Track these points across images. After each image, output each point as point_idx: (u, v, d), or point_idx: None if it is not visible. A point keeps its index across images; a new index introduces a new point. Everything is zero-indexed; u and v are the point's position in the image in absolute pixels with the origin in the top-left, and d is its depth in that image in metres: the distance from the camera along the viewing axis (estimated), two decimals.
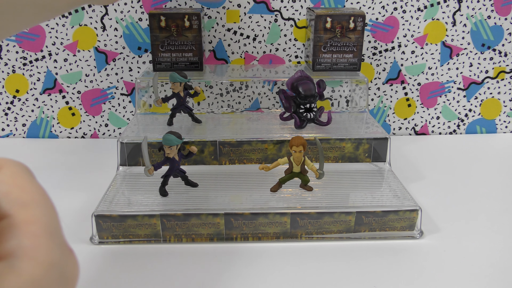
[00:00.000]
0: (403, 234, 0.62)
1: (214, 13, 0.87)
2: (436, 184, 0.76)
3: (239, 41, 0.90)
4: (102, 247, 0.59)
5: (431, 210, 0.68)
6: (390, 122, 0.97)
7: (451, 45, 0.92)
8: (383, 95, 0.95)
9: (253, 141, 0.72)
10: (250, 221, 0.60)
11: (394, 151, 0.85)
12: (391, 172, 0.72)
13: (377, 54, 0.92)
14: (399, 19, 0.90)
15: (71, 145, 0.92)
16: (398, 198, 0.64)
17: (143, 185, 0.67)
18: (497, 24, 0.91)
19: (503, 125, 0.99)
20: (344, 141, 0.73)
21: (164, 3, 0.86)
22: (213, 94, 0.91)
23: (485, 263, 0.57)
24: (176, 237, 0.60)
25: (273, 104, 0.92)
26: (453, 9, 0.89)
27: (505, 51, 0.93)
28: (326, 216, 0.60)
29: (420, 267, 0.56)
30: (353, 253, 0.59)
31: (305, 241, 0.61)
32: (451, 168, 0.82)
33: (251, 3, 0.87)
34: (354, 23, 0.80)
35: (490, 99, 0.97)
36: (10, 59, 0.89)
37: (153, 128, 0.76)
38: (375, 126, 0.77)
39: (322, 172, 0.64)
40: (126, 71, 0.91)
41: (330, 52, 0.81)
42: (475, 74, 0.94)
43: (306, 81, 0.73)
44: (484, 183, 0.77)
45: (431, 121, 0.97)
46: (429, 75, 0.94)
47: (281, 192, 0.65)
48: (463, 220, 0.66)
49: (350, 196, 0.65)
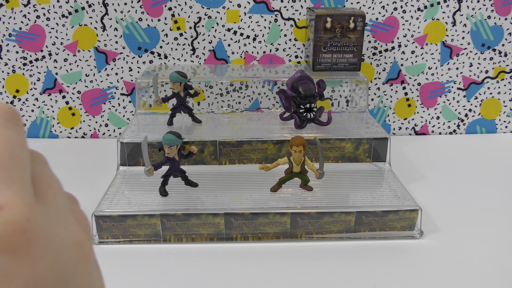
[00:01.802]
0: (403, 234, 0.62)
1: (214, 13, 0.87)
2: (436, 184, 0.76)
3: (239, 41, 0.90)
4: (102, 247, 0.59)
5: (431, 210, 0.68)
6: (390, 122, 0.97)
7: (451, 45, 0.92)
8: (383, 95, 0.95)
9: (253, 141, 0.72)
10: (250, 221, 0.60)
11: (394, 151, 0.85)
12: (391, 172, 0.72)
13: (377, 54, 0.92)
14: (399, 19, 0.90)
15: (71, 145, 0.92)
16: (398, 198, 0.64)
17: (143, 185, 0.67)
18: (497, 24, 0.91)
19: (503, 125, 0.99)
20: (344, 141, 0.73)
21: (164, 3, 0.86)
22: (213, 94, 0.91)
23: (485, 263, 0.57)
24: (176, 237, 0.60)
25: (273, 104, 0.92)
26: (453, 9, 0.89)
27: (505, 51, 0.93)
28: (326, 216, 0.60)
29: (420, 267, 0.56)
30: (353, 253, 0.59)
31: (305, 241, 0.61)
32: (451, 168, 0.82)
33: (251, 3, 0.87)
34: (354, 23, 0.80)
35: (490, 99, 0.97)
36: (10, 59, 0.89)
37: (153, 128, 0.76)
38: (375, 126, 0.77)
39: (322, 172, 0.64)
40: (126, 71, 0.91)
41: (330, 52, 0.81)
42: (475, 74, 0.94)
43: (306, 81, 0.73)
44: (484, 183, 0.77)
45: (431, 121, 0.97)
46: (429, 75, 0.94)
47: (281, 192, 0.65)
48: (463, 220, 0.66)
49: (350, 196, 0.65)
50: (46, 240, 0.18)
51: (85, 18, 0.87)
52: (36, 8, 0.86)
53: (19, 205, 0.17)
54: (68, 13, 0.86)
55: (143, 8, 0.86)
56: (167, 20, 0.87)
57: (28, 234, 0.17)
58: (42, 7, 0.86)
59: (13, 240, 0.17)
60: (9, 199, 0.17)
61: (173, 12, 0.87)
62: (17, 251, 0.17)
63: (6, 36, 0.87)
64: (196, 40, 0.89)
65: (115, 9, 0.86)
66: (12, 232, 0.16)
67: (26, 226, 0.17)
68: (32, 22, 0.87)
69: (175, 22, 0.88)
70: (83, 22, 0.87)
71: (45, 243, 0.18)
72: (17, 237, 0.17)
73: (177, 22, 0.88)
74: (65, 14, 0.86)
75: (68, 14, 0.86)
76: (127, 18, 0.87)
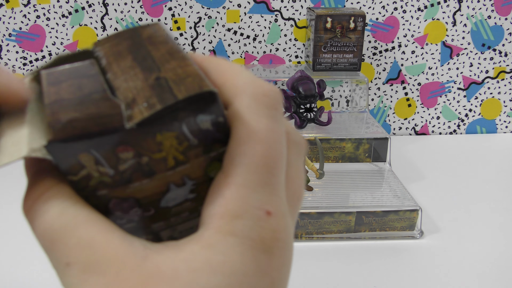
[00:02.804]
0: (403, 234, 0.62)
1: (214, 13, 0.87)
2: (436, 184, 0.76)
3: (239, 41, 0.90)
4: None
5: (431, 210, 0.68)
6: (390, 122, 0.97)
7: (451, 45, 0.92)
8: (383, 95, 0.95)
9: None
10: None
11: (394, 151, 0.85)
12: (391, 172, 0.72)
13: (377, 54, 0.92)
14: (399, 19, 0.90)
15: None
16: (398, 198, 0.64)
17: None
18: (497, 24, 0.91)
19: (503, 125, 0.99)
20: (344, 141, 0.73)
21: (164, 3, 0.86)
22: None
23: (485, 263, 0.57)
24: None
25: None
26: (453, 9, 0.89)
27: (505, 51, 0.93)
28: (326, 216, 0.60)
29: (420, 267, 0.56)
30: (353, 253, 0.59)
31: (305, 241, 0.61)
32: (451, 168, 0.82)
33: (251, 3, 0.87)
34: (354, 23, 0.80)
35: (490, 99, 0.97)
36: (10, 59, 0.89)
37: None
38: (375, 126, 0.77)
39: (322, 172, 0.64)
40: None
41: (330, 52, 0.81)
42: (475, 74, 0.94)
43: (306, 81, 0.73)
44: (484, 183, 0.77)
45: (431, 121, 0.97)
46: (429, 75, 0.94)
47: None
48: (463, 220, 0.66)
49: (350, 196, 0.65)
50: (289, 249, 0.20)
51: (85, 18, 0.87)
52: (36, 8, 0.86)
53: (281, 215, 0.19)
54: (68, 13, 0.86)
55: (143, 8, 0.86)
56: (167, 20, 0.87)
57: (281, 243, 0.19)
58: (42, 7, 0.86)
59: (273, 245, 0.19)
60: (276, 207, 0.19)
61: (173, 12, 0.87)
62: (273, 255, 0.19)
63: (6, 36, 0.87)
64: (196, 40, 0.89)
65: (115, 9, 0.86)
66: (274, 239, 0.19)
67: (283, 236, 0.19)
68: (32, 22, 0.87)
69: (175, 22, 0.88)
70: (83, 22, 0.87)
71: (288, 252, 0.20)
72: (276, 244, 0.19)
73: (177, 22, 0.88)
74: (65, 14, 0.86)
75: (68, 14, 0.86)
76: (127, 18, 0.87)
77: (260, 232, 0.18)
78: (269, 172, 0.19)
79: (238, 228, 0.18)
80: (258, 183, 0.18)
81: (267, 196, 0.19)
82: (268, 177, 0.19)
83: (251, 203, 0.18)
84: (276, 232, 0.19)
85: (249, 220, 0.18)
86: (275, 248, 0.19)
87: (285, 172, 0.20)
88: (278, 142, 0.19)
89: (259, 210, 0.18)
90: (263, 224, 0.18)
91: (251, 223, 0.18)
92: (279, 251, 0.19)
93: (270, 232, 0.18)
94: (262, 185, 0.18)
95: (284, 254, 0.19)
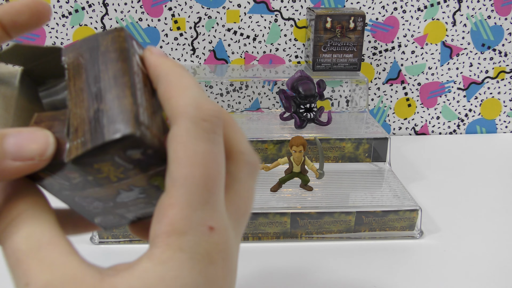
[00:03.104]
0: (403, 234, 0.62)
1: (214, 13, 0.87)
2: (436, 184, 0.76)
3: (239, 41, 0.90)
4: (102, 247, 0.59)
5: (431, 210, 0.68)
6: (390, 122, 0.97)
7: (451, 45, 0.92)
8: (383, 95, 0.95)
9: (253, 141, 0.72)
10: (250, 221, 0.60)
11: (394, 151, 0.85)
12: (391, 172, 0.72)
13: (377, 54, 0.92)
14: (399, 19, 0.90)
15: None
16: (398, 198, 0.64)
17: None
18: (497, 24, 0.91)
19: (503, 125, 0.99)
20: (344, 141, 0.73)
21: (164, 3, 0.86)
22: (213, 94, 0.91)
23: (485, 263, 0.57)
24: None
25: (273, 104, 0.93)
26: (453, 9, 0.90)
27: (505, 51, 0.93)
28: (326, 216, 0.60)
29: (420, 267, 0.56)
30: (353, 253, 0.59)
31: (305, 241, 0.61)
32: (451, 168, 0.82)
33: (251, 3, 0.87)
34: (354, 23, 0.80)
35: (490, 99, 0.97)
36: None
37: None
38: (375, 126, 0.77)
39: (322, 172, 0.64)
40: None
41: (330, 52, 0.81)
42: (475, 74, 0.94)
43: (306, 81, 0.73)
44: (484, 183, 0.77)
45: (431, 121, 0.97)
46: (429, 75, 0.94)
47: (281, 192, 0.65)
48: (463, 220, 0.66)
49: (350, 196, 0.65)
50: (232, 259, 0.22)
51: (85, 18, 0.87)
52: None
53: (223, 229, 0.21)
54: (68, 13, 0.86)
55: (143, 8, 0.86)
56: (167, 20, 0.87)
57: (224, 254, 0.21)
58: None
59: (218, 256, 0.21)
60: (217, 222, 0.21)
61: (173, 12, 0.87)
62: (218, 266, 0.21)
63: None
64: (196, 40, 0.89)
65: (115, 9, 0.86)
66: (218, 251, 0.21)
67: (226, 247, 0.21)
68: None
69: (175, 22, 0.88)
70: (83, 22, 0.87)
71: (232, 262, 0.22)
72: (220, 255, 0.21)
73: (177, 22, 0.88)
74: (65, 14, 0.86)
75: (68, 14, 0.86)
76: (127, 18, 0.87)
77: (205, 246, 0.20)
78: (208, 191, 0.20)
79: (185, 244, 0.20)
80: (199, 202, 0.20)
81: (208, 213, 0.20)
82: (208, 196, 0.20)
83: (195, 220, 0.20)
84: (219, 244, 0.21)
85: (194, 236, 0.20)
86: (220, 259, 0.21)
87: (232, 188, 0.23)
88: (215, 163, 0.21)
89: (202, 226, 0.20)
90: (207, 239, 0.20)
91: (196, 239, 0.20)
92: (223, 262, 0.21)
93: (214, 245, 0.20)
94: (203, 204, 0.20)
95: (228, 264, 0.21)
